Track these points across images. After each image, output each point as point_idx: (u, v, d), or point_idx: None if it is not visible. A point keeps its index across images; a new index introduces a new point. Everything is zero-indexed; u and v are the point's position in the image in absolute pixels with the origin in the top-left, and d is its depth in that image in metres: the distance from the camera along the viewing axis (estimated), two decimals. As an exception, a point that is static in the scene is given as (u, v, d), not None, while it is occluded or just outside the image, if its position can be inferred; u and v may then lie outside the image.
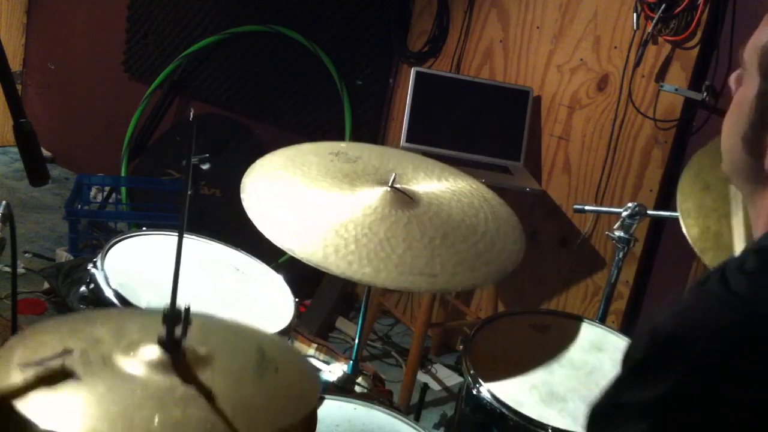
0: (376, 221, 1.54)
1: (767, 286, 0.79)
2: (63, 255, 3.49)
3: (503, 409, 1.52)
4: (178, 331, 1.01)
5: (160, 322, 1.01)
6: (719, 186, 1.73)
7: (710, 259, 1.67)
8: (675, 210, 1.79)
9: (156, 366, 1.00)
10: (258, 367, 1.08)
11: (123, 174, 4.09)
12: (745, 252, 0.85)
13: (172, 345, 1.01)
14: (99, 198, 4.01)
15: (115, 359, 1.00)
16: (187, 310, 1.01)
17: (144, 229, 1.85)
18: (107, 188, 4.01)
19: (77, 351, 1.00)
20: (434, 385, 3.14)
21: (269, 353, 1.12)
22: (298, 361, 1.17)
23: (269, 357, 1.10)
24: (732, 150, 0.94)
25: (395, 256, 1.48)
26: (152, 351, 1.02)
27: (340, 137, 3.61)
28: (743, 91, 0.91)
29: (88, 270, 1.62)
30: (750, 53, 0.90)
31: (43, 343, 1.02)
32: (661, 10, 2.75)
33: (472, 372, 1.60)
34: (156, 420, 0.92)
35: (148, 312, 1.22)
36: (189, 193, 1.02)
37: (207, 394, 0.97)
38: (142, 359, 1.01)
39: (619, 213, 2.11)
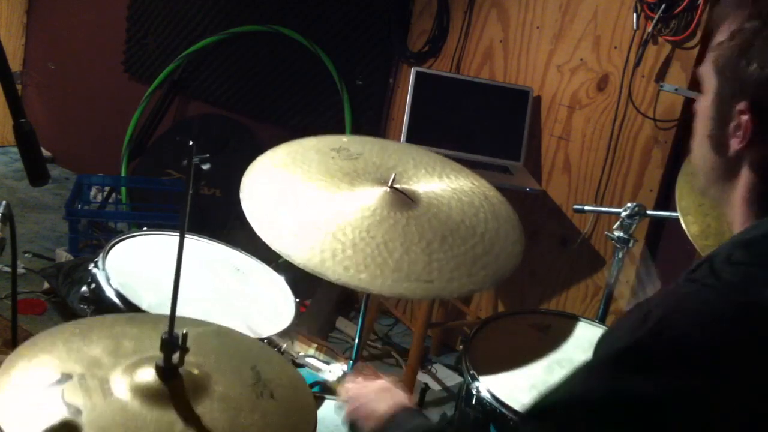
0: (374, 224, 1.54)
1: (755, 275, 0.83)
2: (63, 255, 3.49)
3: (503, 409, 1.52)
4: (175, 358, 1.02)
5: (156, 336, 1.01)
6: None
7: None
8: (675, 210, 1.79)
9: (154, 394, 1.00)
10: (254, 392, 1.07)
11: (123, 174, 4.09)
12: (730, 245, 0.90)
13: (169, 373, 1.02)
14: (99, 198, 4.01)
15: (113, 386, 1.01)
16: (185, 336, 1.01)
17: (145, 228, 1.85)
18: (107, 188, 4.01)
19: (76, 376, 1.00)
20: (434, 385, 3.14)
21: (264, 374, 1.11)
22: (294, 384, 1.16)
23: (265, 379, 1.10)
24: (702, 155, 1.00)
25: (392, 261, 1.47)
26: (150, 375, 1.02)
27: (340, 137, 3.61)
28: (703, 99, 0.99)
29: (89, 270, 1.62)
30: (705, 63, 0.98)
31: (41, 363, 1.02)
32: (661, 10, 2.75)
33: (472, 372, 1.60)
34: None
35: (142, 320, 1.21)
36: (190, 192, 1.02)
37: (204, 430, 0.98)
38: (139, 386, 1.01)
39: (619, 213, 2.11)
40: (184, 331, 1.01)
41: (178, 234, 1.04)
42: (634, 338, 0.81)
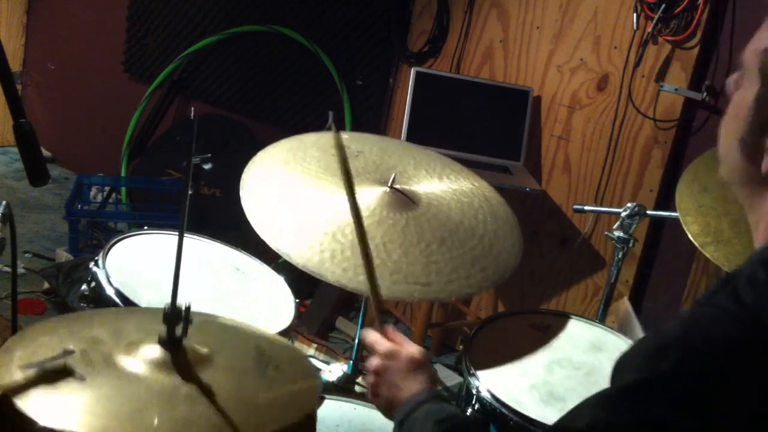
0: (373, 224, 1.53)
1: None
2: (63, 255, 3.49)
3: (503, 409, 1.52)
4: (178, 330, 1.02)
5: (157, 322, 1.01)
6: (717, 188, 1.76)
7: (712, 253, 1.69)
8: (675, 210, 1.81)
9: (158, 365, 1.00)
10: (258, 365, 1.08)
11: (123, 174, 4.09)
12: (754, 263, 0.84)
13: (173, 344, 1.01)
14: (99, 198, 4.01)
15: (117, 359, 1.00)
16: (188, 308, 1.01)
17: (145, 228, 1.85)
18: (107, 188, 4.01)
19: (78, 351, 1.00)
20: (434, 385, 3.14)
21: (267, 351, 1.12)
22: (296, 359, 1.17)
23: (268, 355, 1.11)
24: (730, 154, 0.93)
25: (390, 263, 1.46)
26: (153, 350, 1.02)
27: (340, 137, 3.61)
28: (742, 93, 0.91)
29: (90, 268, 1.62)
30: (750, 56, 0.90)
31: (43, 343, 1.02)
32: (661, 10, 2.75)
33: (471, 372, 1.60)
34: (156, 420, 0.92)
35: (143, 312, 1.22)
36: (189, 192, 1.02)
37: (209, 393, 0.97)
38: (143, 359, 1.01)
39: (619, 213, 2.11)
40: (187, 304, 1.01)
41: (177, 234, 1.04)
42: (658, 370, 0.79)
